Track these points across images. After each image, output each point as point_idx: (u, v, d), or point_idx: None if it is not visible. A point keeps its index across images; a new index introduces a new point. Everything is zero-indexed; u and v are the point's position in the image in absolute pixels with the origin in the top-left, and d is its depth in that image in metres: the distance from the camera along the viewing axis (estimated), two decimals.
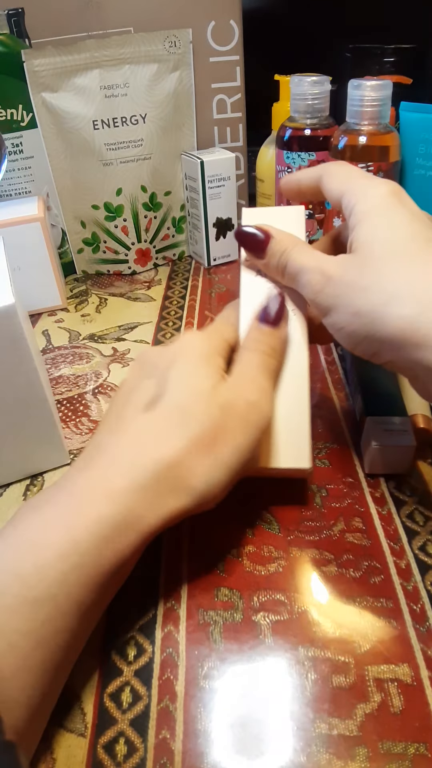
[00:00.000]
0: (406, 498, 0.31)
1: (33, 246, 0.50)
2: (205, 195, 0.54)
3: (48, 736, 0.22)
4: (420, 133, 0.42)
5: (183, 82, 0.54)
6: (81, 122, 0.52)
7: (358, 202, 0.27)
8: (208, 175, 0.53)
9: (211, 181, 0.54)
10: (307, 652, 0.24)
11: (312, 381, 0.31)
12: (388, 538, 0.29)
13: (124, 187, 0.56)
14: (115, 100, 0.52)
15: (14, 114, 0.52)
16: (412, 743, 0.21)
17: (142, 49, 0.51)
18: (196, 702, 0.23)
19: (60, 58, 0.50)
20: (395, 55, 0.63)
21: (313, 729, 0.22)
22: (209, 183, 0.54)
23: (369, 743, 0.21)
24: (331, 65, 0.56)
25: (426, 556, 0.28)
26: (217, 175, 0.54)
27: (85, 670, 0.24)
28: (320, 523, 0.30)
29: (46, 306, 0.54)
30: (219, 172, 0.54)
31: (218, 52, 0.54)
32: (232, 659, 0.24)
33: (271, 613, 0.26)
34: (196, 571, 0.28)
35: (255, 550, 0.29)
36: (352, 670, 0.23)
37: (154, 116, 0.54)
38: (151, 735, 0.22)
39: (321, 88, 0.43)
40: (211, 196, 0.54)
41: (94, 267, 0.61)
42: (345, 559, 0.28)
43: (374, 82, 0.39)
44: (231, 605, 0.26)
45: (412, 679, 0.23)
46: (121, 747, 0.21)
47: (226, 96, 0.56)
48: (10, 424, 0.31)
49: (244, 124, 0.58)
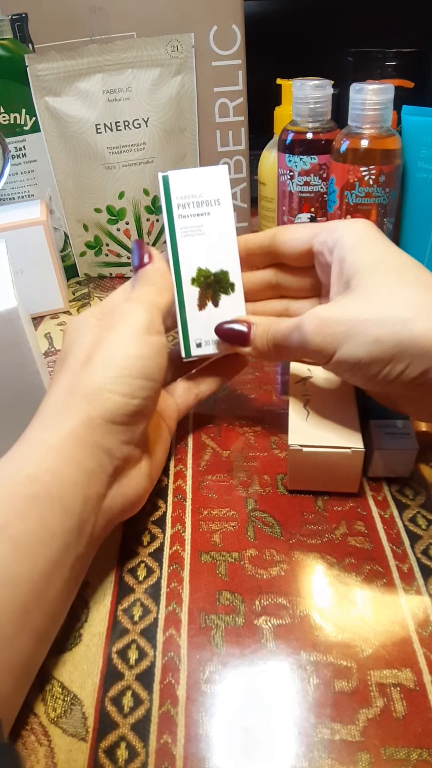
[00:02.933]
0: (409, 501, 0.31)
1: (36, 249, 0.50)
2: (173, 230, 0.32)
3: (49, 740, 0.22)
4: (422, 137, 0.42)
5: (185, 86, 0.54)
6: (84, 126, 0.52)
7: (343, 236, 0.29)
8: (176, 197, 0.32)
9: (183, 206, 0.32)
10: (309, 656, 0.24)
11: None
12: (390, 541, 0.29)
13: (126, 191, 0.56)
14: (118, 104, 0.52)
15: (17, 118, 0.52)
16: (415, 749, 0.21)
17: (144, 53, 0.51)
18: (198, 706, 0.23)
19: (63, 62, 0.50)
20: (397, 58, 0.63)
21: (315, 734, 0.21)
22: (180, 209, 0.32)
23: (371, 749, 0.21)
24: (333, 69, 0.56)
25: (428, 559, 0.28)
26: (194, 198, 0.32)
27: (87, 674, 0.24)
28: (322, 527, 0.30)
29: (48, 309, 0.54)
30: (199, 191, 0.32)
31: (220, 56, 0.54)
32: (234, 663, 0.24)
33: (272, 617, 0.26)
34: (197, 575, 0.28)
35: (257, 553, 0.28)
36: (354, 675, 0.23)
37: (157, 120, 0.54)
38: (152, 739, 0.22)
39: (323, 91, 0.43)
40: (186, 232, 0.32)
41: (96, 270, 0.61)
42: (347, 562, 0.28)
43: (376, 85, 0.39)
44: (233, 609, 0.26)
45: (414, 684, 0.23)
46: (122, 751, 0.21)
47: (228, 100, 0.57)
48: (12, 426, 0.31)
49: (246, 128, 0.58)
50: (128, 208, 0.57)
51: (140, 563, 0.28)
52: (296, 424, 0.31)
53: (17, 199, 0.56)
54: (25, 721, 0.23)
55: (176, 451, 0.35)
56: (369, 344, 0.25)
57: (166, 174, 0.32)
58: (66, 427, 0.25)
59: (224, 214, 0.33)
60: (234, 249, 0.33)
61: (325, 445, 0.29)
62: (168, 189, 0.32)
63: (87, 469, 0.24)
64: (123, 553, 0.29)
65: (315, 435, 0.30)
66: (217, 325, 0.32)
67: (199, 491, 0.32)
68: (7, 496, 0.22)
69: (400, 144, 0.41)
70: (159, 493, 0.32)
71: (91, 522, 0.24)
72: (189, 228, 0.32)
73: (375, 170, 0.41)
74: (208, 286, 0.33)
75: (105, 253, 0.60)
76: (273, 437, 0.36)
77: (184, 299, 0.32)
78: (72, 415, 0.25)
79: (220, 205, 0.32)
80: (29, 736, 0.22)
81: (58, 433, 0.25)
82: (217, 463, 0.34)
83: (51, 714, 0.23)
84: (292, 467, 0.30)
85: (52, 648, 0.24)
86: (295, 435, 0.30)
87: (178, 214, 0.32)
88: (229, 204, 0.33)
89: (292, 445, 0.29)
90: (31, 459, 0.24)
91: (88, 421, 0.25)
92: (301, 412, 0.32)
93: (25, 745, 0.22)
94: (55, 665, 0.24)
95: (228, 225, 0.33)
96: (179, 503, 0.32)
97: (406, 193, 0.44)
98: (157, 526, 0.30)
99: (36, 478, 0.23)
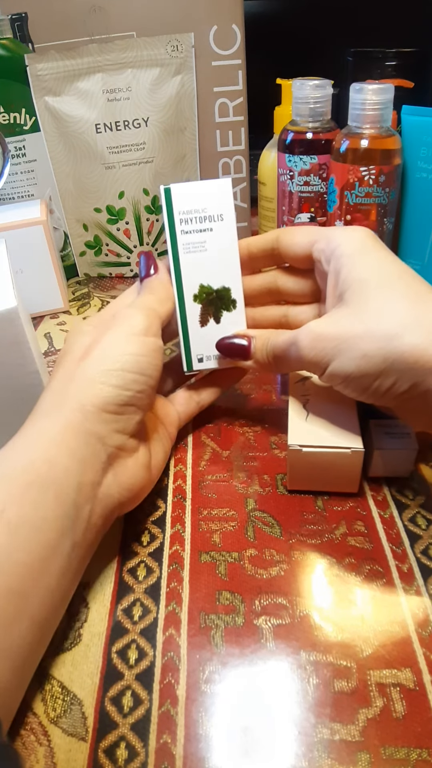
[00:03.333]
0: (409, 501, 0.31)
1: (35, 249, 0.50)
2: (175, 246, 0.32)
3: (48, 740, 0.22)
4: (422, 137, 0.42)
5: (185, 86, 0.54)
6: (84, 126, 0.52)
7: (339, 246, 0.29)
8: (179, 212, 0.32)
9: (186, 221, 0.32)
10: (308, 656, 0.24)
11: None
12: (390, 541, 0.29)
13: (126, 191, 0.56)
14: (118, 104, 0.52)
15: (17, 118, 0.52)
16: (414, 749, 0.21)
17: (144, 53, 0.51)
18: (198, 706, 0.23)
19: (63, 62, 0.50)
20: (397, 58, 0.63)
21: (315, 734, 0.21)
22: (182, 225, 0.32)
23: (371, 748, 0.21)
24: (332, 69, 0.56)
25: (428, 559, 0.28)
26: (197, 213, 0.32)
27: (87, 674, 0.24)
28: (322, 527, 0.30)
29: (48, 309, 0.54)
30: (202, 206, 0.32)
31: (220, 56, 0.54)
32: (234, 663, 0.24)
33: (272, 617, 0.26)
34: (197, 575, 0.28)
35: (256, 553, 0.28)
36: (354, 675, 0.23)
37: (157, 120, 0.54)
38: (152, 739, 0.22)
39: (323, 91, 0.43)
40: (188, 248, 0.32)
41: (96, 270, 0.61)
42: (347, 562, 0.28)
43: (376, 85, 0.39)
44: (232, 609, 0.26)
45: (414, 684, 0.23)
46: (122, 751, 0.21)
47: (228, 100, 0.57)
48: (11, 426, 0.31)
49: (246, 128, 0.58)
50: (128, 207, 0.57)
51: (140, 563, 0.28)
52: (296, 424, 0.31)
53: (17, 198, 0.56)
54: (25, 720, 0.23)
55: (176, 451, 0.35)
56: (358, 359, 0.26)
57: (168, 187, 0.32)
58: (60, 417, 0.26)
59: (227, 229, 0.32)
60: (236, 265, 0.33)
61: (324, 445, 0.29)
62: (170, 203, 0.32)
63: (80, 456, 0.25)
64: (123, 553, 0.29)
65: (315, 435, 0.30)
66: (218, 341, 0.33)
67: (199, 491, 0.32)
68: (3, 485, 0.23)
69: (400, 144, 0.41)
70: (159, 493, 0.32)
71: (87, 509, 0.25)
72: (191, 244, 0.32)
73: (375, 170, 0.41)
74: (210, 303, 0.33)
75: (105, 253, 0.60)
76: (273, 437, 0.36)
77: (186, 316, 0.33)
78: (66, 405, 0.26)
79: (223, 220, 0.32)
80: (29, 736, 0.22)
81: (52, 422, 0.25)
82: (217, 463, 0.34)
83: (51, 714, 0.23)
84: (291, 467, 0.30)
85: (52, 648, 0.25)
86: (294, 435, 0.30)
87: (180, 229, 0.32)
88: (233, 219, 0.32)
89: (292, 445, 0.29)
90: (26, 448, 0.25)
91: (81, 409, 0.26)
92: (301, 412, 0.32)
93: (25, 745, 0.22)
94: (55, 665, 0.24)
95: (231, 241, 0.33)
96: (179, 503, 0.32)
97: (406, 193, 0.44)
98: (157, 526, 0.30)
99: (31, 466, 0.24)
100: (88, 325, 0.30)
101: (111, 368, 0.27)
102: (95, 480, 0.25)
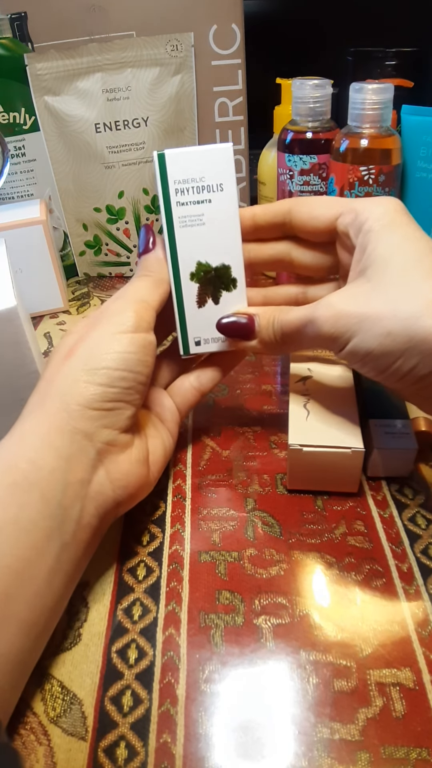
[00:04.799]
0: (408, 501, 0.31)
1: (35, 248, 0.50)
2: (170, 219, 0.30)
3: (48, 740, 0.22)
4: (421, 136, 0.42)
5: (185, 86, 0.54)
6: (83, 125, 0.52)
7: (367, 220, 0.27)
8: (174, 181, 0.29)
9: (182, 191, 0.29)
10: (308, 655, 0.24)
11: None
12: (389, 541, 0.29)
13: (126, 190, 0.56)
14: (118, 104, 0.52)
15: (17, 117, 0.52)
16: (414, 748, 0.21)
17: (144, 52, 0.51)
18: (197, 706, 0.23)
19: (62, 61, 0.50)
20: (397, 58, 0.63)
21: (315, 733, 0.21)
22: (178, 195, 0.29)
23: (371, 748, 0.21)
24: (332, 68, 0.56)
25: (428, 559, 0.28)
26: (195, 182, 0.29)
27: (86, 673, 0.24)
28: (322, 526, 0.30)
29: (47, 308, 0.54)
30: (200, 175, 0.29)
31: (220, 55, 0.54)
32: (234, 663, 0.24)
33: (272, 616, 0.26)
34: (197, 574, 0.28)
35: (256, 553, 0.28)
36: (353, 674, 0.23)
37: (156, 119, 0.54)
38: (151, 739, 0.22)
39: (322, 91, 0.43)
40: (184, 222, 0.30)
41: (95, 269, 0.61)
42: (346, 562, 0.28)
43: (376, 85, 0.39)
44: (232, 608, 0.26)
45: (414, 684, 0.23)
46: (121, 751, 0.21)
47: (227, 99, 0.56)
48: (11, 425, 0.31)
49: (245, 128, 0.58)
50: (128, 207, 0.57)
51: (140, 563, 0.28)
52: (296, 423, 0.31)
53: (16, 198, 0.56)
54: (25, 720, 0.23)
55: (176, 451, 0.35)
56: (382, 337, 0.25)
57: (162, 152, 0.29)
58: (44, 416, 0.25)
59: (227, 201, 0.30)
60: (237, 240, 0.30)
61: (324, 444, 0.29)
62: (164, 171, 0.29)
63: (66, 454, 0.24)
64: (122, 553, 0.29)
65: (315, 435, 0.30)
66: (218, 321, 0.31)
67: (199, 491, 0.32)
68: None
69: (400, 143, 0.41)
70: (158, 492, 0.32)
71: (77, 508, 0.24)
72: (188, 217, 0.30)
73: (374, 170, 0.41)
74: (208, 282, 0.31)
75: (104, 253, 0.60)
76: (273, 437, 0.36)
77: (182, 295, 0.31)
78: (49, 404, 0.26)
79: (223, 191, 0.29)
80: (28, 736, 0.22)
81: (37, 422, 0.25)
82: (217, 463, 0.34)
83: (50, 713, 0.23)
84: (291, 467, 0.30)
85: (52, 647, 0.25)
86: (294, 435, 0.30)
87: (176, 201, 0.29)
88: (233, 189, 0.30)
89: (292, 445, 0.29)
90: (9, 449, 0.24)
91: (66, 408, 0.25)
92: (301, 411, 0.32)
93: (25, 745, 0.22)
94: (55, 664, 0.24)
95: (231, 214, 0.30)
96: (179, 503, 0.32)
97: (406, 192, 0.44)
98: (157, 526, 0.30)
99: (14, 467, 0.23)
100: (78, 324, 0.30)
101: (96, 367, 0.26)
102: (84, 478, 0.25)
